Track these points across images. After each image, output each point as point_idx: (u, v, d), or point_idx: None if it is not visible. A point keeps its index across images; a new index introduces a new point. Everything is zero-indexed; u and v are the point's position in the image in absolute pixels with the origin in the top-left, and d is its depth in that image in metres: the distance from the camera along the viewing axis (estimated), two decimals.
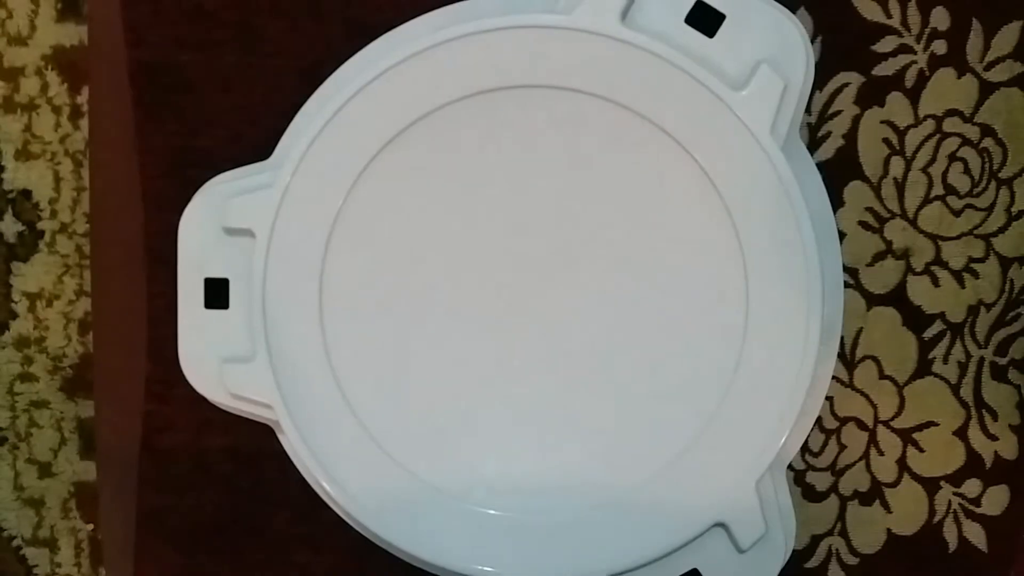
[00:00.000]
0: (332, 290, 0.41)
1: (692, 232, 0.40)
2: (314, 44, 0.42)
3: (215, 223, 0.41)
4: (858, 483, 0.45)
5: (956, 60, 0.43)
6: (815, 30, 0.43)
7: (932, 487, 0.45)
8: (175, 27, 0.42)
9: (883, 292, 0.44)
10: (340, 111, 0.39)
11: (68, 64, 0.53)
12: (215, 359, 0.41)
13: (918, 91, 0.43)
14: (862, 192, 0.43)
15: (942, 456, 0.44)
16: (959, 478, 0.44)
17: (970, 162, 0.43)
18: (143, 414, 0.43)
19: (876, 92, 0.43)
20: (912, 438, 0.44)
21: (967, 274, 0.44)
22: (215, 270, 0.41)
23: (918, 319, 0.44)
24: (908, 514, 0.45)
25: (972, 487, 0.44)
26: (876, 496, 0.45)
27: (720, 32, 0.40)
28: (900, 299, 0.44)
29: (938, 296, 0.44)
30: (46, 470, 0.56)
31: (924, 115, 0.43)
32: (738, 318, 0.40)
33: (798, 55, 0.40)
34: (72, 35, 0.53)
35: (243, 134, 0.42)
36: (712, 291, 0.41)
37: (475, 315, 0.41)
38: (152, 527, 0.44)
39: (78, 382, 0.56)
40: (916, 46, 0.43)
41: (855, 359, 0.44)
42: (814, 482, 0.45)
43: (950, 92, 0.43)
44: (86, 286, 0.55)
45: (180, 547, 0.44)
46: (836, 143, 0.43)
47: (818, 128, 0.43)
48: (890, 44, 0.43)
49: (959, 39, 0.43)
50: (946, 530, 0.45)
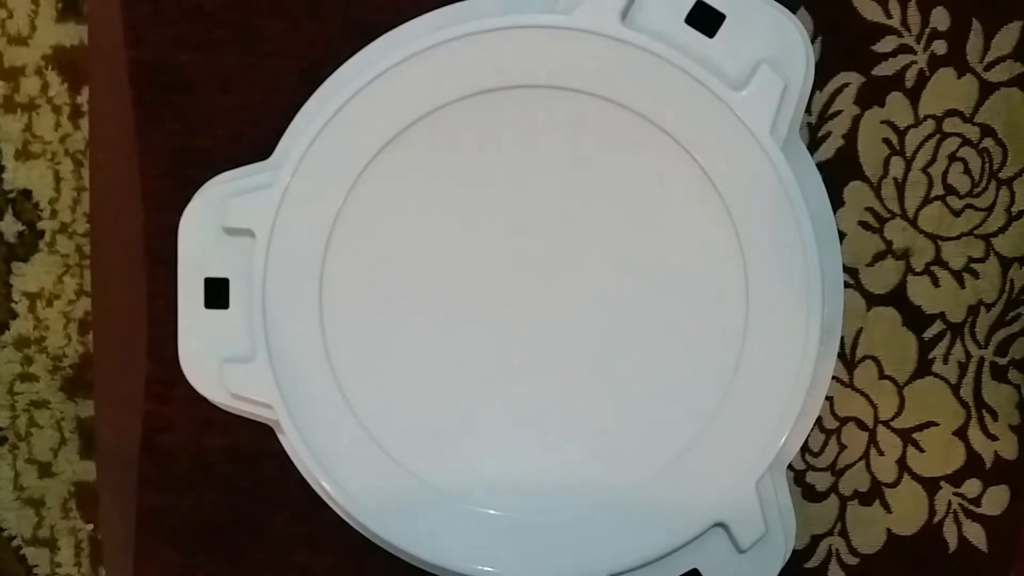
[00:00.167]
0: (332, 290, 0.41)
1: (692, 232, 0.40)
2: (314, 44, 0.42)
3: (215, 223, 0.41)
4: (858, 483, 0.45)
5: (956, 60, 0.43)
6: (815, 30, 0.43)
7: (932, 487, 0.45)
8: (175, 27, 0.42)
9: (883, 292, 0.44)
10: (340, 111, 0.39)
11: (68, 64, 0.53)
12: (215, 359, 0.41)
13: (918, 91, 0.43)
14: (862, 192, 0.43)
15: (942, 456, 0.44)
16: (959, 478, 0.44)
17: (970, 162, 0.43)
18: (143, 414, 0.43)
19: (876, 92, 0.43)
20: (912, 438, 0.44)
21: (967, 274, 0.44)
22: (215, 270, 0.41)
23: (918, 319, 0.44)
24: (908, 514, 0.45)
25: (972, 487, 0.44)
26: (876, 496, 0.45)
27: (720, 32, 0.40)
28: (900, 299, 0.44)
29: (938, 296, 0.44)
30: (46, 470, 0.56)
31: (924, 115, 0.43)
32: (738, 318, 0.40)
33: (798, 55, 0.40)
34: (72, 35, 0.53)
35: (243, 134, 0.42)
36: (712, 291, 0.41)
37: (475, 315, 0.41)
38: (152, 527, 0.44)
39: (78, 382, 0.55)
40: (916, 46, 0.43)
41: (855, 359, 0.44)
42: (814, 482, 0.45)
43: (950, 92, 0.43)
44: (86, 286, 0.54)
45: (180, 547, 0.44)
46: (836, 143, 0.43)
47: (818, 128, 0.43)
48: (890, 44, 0.43)
49: (959, 39, 0.43)
50: (946, 530, 0.45)
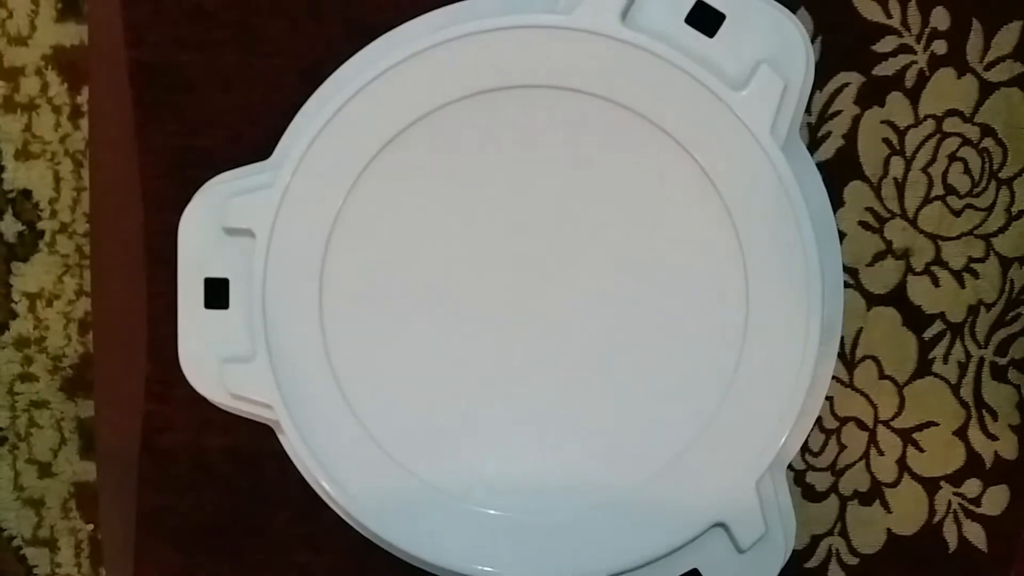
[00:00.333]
0: (332, 290, 0.41)
1: (692, 232, 0.40)
2: (314, 44, 0.42)
3: (215, 223, 0.41)
4: (858, 483, 0.45)
5: (956, 60, 0.43)
6: (815, 30, 0.43)
7: (932, 487, 0.45)
8: (175, 27, 0.42)
9: (883, 292, 0.44)
10: (340, 111, 0.39)
11: (68, 64, 0.53)
12: (215, 359, 0.41)
13: (918, 91, 0.43)
14: (862, 192, 0.43)
15: (942, 456, 0.44)
16: (959, 478, 0.44)
17: (970, 162, 0.43)
18: (143, 414, 0.43)
19: (876, 92, 0.43)
20: (912, 438, 0.44)
21: (967, 274, 0.44)
22: (215, 270, 0.41)
23: (918, 319, 0.44)
24: (908, 514, 0.45)
25: (972, 487, 0.44)
26: (876, 496, 0.45)
27: (720, 32, 0.40)
28: (900, 299, 0.44)
29: (938, 296, 0.44)
30: (46, 470, 0.56)
31: (924, 115, 0.43)
32: (738, 318, 0.40)
33: (798, 55, 0.40)
34: (72, 35, 0.53)
35: (243, 134, 0.42)
36: (712, 291, 0.41)
37: (475, 315, 0.41)
38: (152, 527, 0.44)
39: (78, 382, 0.55)
40: (916, 46, 0.43)
41: (855, 359, 0.44)
42: (814, 482, 0.45)
43: (950, 92, 0.43)
44: (86, 286, 0.55)
45: (180, 547, 0.44)
46: (836, 143, 0.43)
47: (818, 128, 0.43)
48: (890, 44, 0.43)
49: (959, 39, 0.43)
50: (946, 530, 0.45)
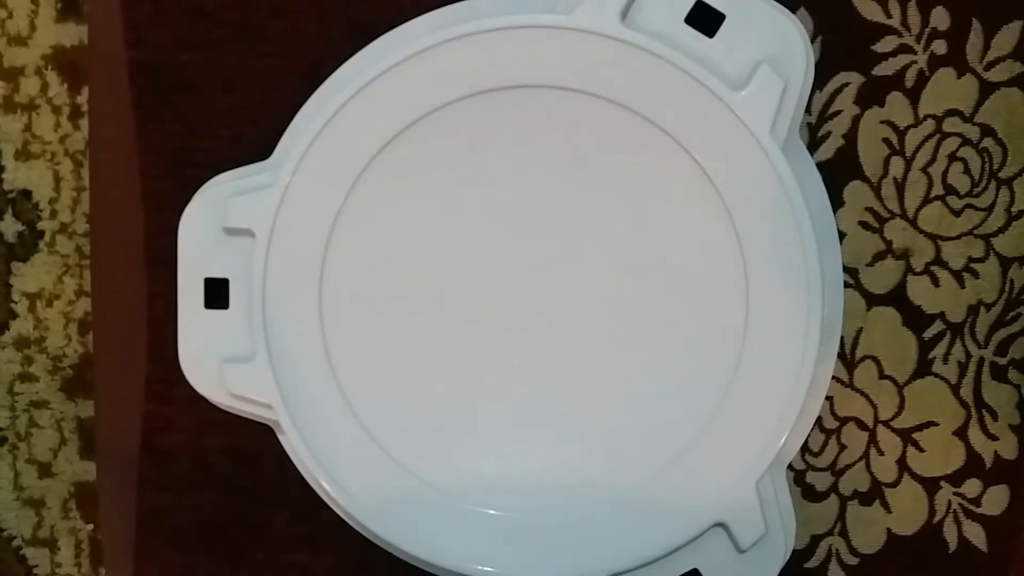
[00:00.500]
0: (332, 290, 0.41)
1: (692, 232, 0.40)
2: (314, 44, 0.42)
3: (215, 223, 0.41)
4: (858, 483, 0.45)
5: (956, 60, 0.43)
6: (815, 30, 0.43)
7: (932, 487, 0.45)
8: (175, 27, 0.42)
9: (883, 292, 0.44)
10: (340, 111, 0.39)
11: (68, 64, 0.53)
12: (215, 359, 0.41)
13: (918, 91, 0.43)
14: (862, 192, 0.43)
15: (942, 456, 0.44)
16: (959, 478, 0.44)
17: (970, 162, 0.43)
18: (143, 414, 0.43)
19: (876, 92, 0.43)
20: (912, 438, 0.44)
21: (967, 274, 0.44)
22: (215, 270, 0.41)
23: (918, 319, 0.44)
24: (908, 514, 0.45)
25: (972, 487, 0.44)
26: (876, 496, 0.45)
27: (720, 32, 0.40)
28: (900, 299, 0.44)
29: (938, 296, 0.44)
30: (46, 470, 0.56)
31: (924, 115, 0.43)
32: (738, 318, 0.40)
33: (798, 55, 0.40)
34: (72, 35, 0.53)
35: (243, 134, 0.42)
36: (712, 291, 0.40)
37: (475, 315, 0.41)
38: (152, 527, 0.44)
39: (78, 382, 0.55)
40: (916, 46, 0.43)
41: (855, 359, 0.44)
42: (814, 482, 0.45)
43: (950, 92, 0.43)
44: (86, 286, 0.55)
45: (180, 547, 0.44)
46: (836, 143, 0.43)
47: (818, 128, 0.43)
48: (890, 44, 0.43)
49: (959, 39, 0.43)
50: (946, 530, 0.45)
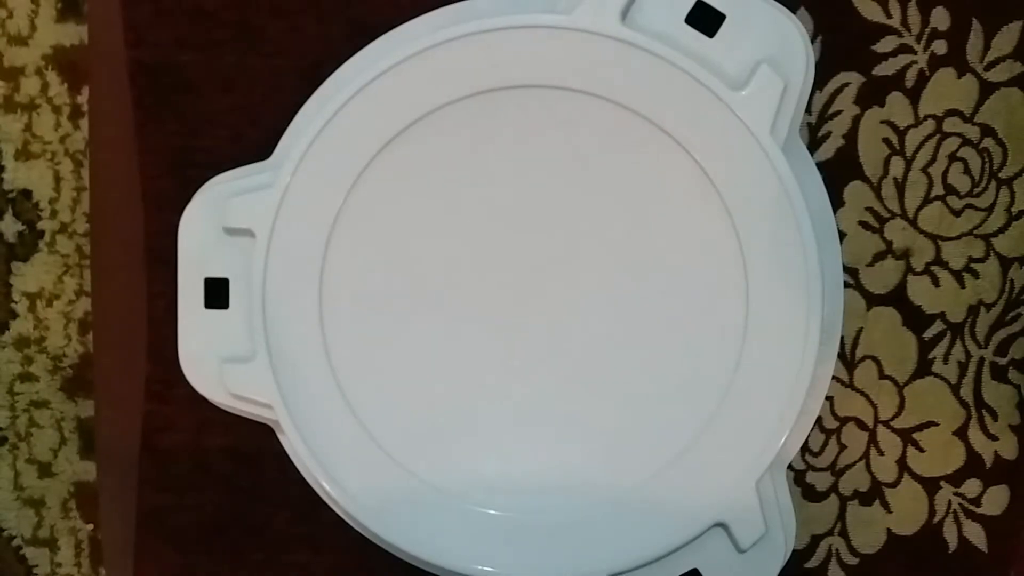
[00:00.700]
0: (332, 290, 0.41)
1: (692, 232, 0.40)
2: (314, 44, 0.42)
3: (215, 223, 0.40)
4: (858, 483, 0.45)
5: (956, 60, 0.43)
6: (815, 30, 0.43)
7: (932, 487, 0.45)
8: (175, 27, 0.42)
9: (883, 292, 0.44)
10: (340, 111, 0.39)
11: (68, 64, 0.53)
12: (215, 359, 0.41)
13: (918, 91, 0.43)
14: (862, 192, 0.43)
15: (942, 456, 0.44)
16: (959, 478, 0.44)
17: (970, 162, 0.43)
18: (143, 414, 0.43)
19: (876, 92, 0.43)
20: (912, 438, 0.44)
21: (967, 274, 0.44)
22: (215, 270, 0.41)
23: (918, 319, 0.44)
24: (908, 514, 0.45)
25: (972, 487, 0.44)
26: (876, 496, 0.45)
27: (720, 32, 0.40)
28: (900, 299, 0.44)
29: (938, 296, 0.44)
30: (46, 470, 0.56)
31: (924, 115, 0.43)
32: (738, 318, 0.40)
33: (798, 55, 0.40)
34: (72, 35, 0.53)
35: (243, 134, 0.42)
36: (712, 291, 0.40)
37: (475, 315, 0.41)
38: (152, 527, 0.44)
39: (78, 382, 0.55)
40: (916, 46, 0.43)
41: (855, 359, 0.44)
42: (814, 482, 0.45)
43: (950, 92, 0.43)
44: (86, 286, 0.55)
45: (180, 547, 0.44)
46: (836, 143, 0.43)
47: (818, 128, 0.43)
48: (890, 44, 0.43)
49: (959, 39, 0.43)
50: (946, 530, 0.45)
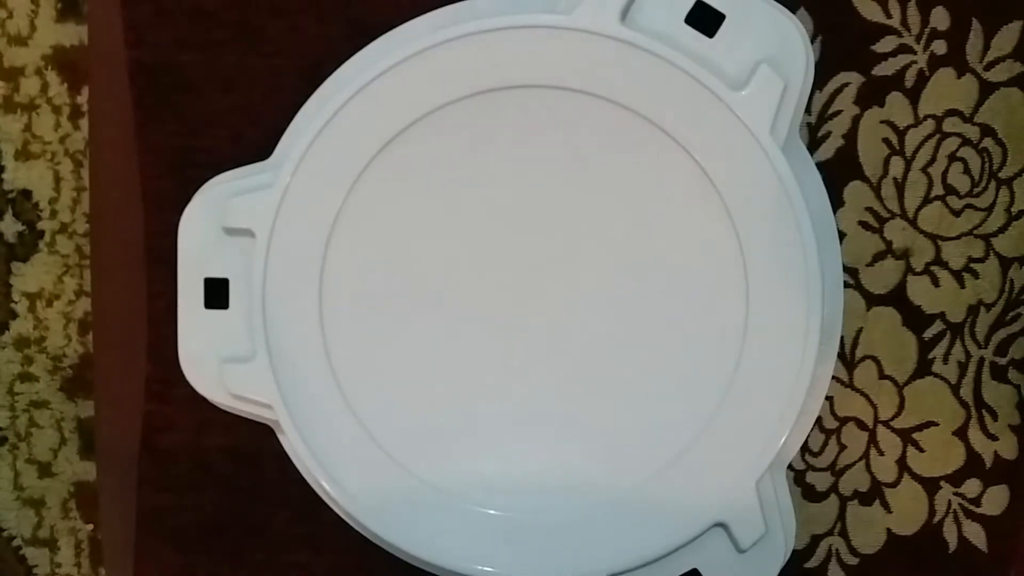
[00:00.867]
0: (332, 290, 0.41)
1: (692, 232, 0.40)
2: (314, 44, 0.42)
3: (215, 223, 0.41)
4: (858, 483, 0.45)
5: (956, 60, 0.43)
6: (815, 30, 0.43)
7: (932, 487, 0.45)
8: (175, 27, 0.42)
9: (883, 292, 0.44)
10: (340, 111, 0.39)
11: (68, 64, 0.53)
12: (215, 359, 0.41)
13: (918, 91, 0.43)
14: (862, 192, 0.43)
15: (942, 456, 0.44)
16: (959, 478, 0.44)
17: (970, 162, 0.43)
18: (143, 414, 0.43)
19: (876, 92, 0.43)
20: (912, 438, 0.44)
21: (967, 274, 0.44)
22: (215, 270, 0.41)
23: (918, 319, 0.44)
24: (908, 514, 0.45)
25: (972, 487, 0.44)
26: (876, 496, 0.45)
27: (720, 32, 0.40)
28: (900, 299, 0.44)
29: (938, 296, 0.44)
30: (46, 470, 0.56)
31: (924, 115, 0.43)
32: (738, 318, 0.40)
33: (798, 55, 0.40)
34: (72, 35, 0.53)
35: (243, 134, 0.42)
36: (712, 291, 0.40)
37: (475, 315, 0.41)
38: (152, 527, 0.44)
39: (78, 382, 0.55)
40: (916, 46, 0.43)
41: (855, 359, 0.44)
42: (814, 482, 0.45)
43: (950, 92, 0.43)
44: (86, 286, 0.55)
45: (180, 547, 0.44)
46: (836, 143, 0.43)
47: (818, 128, 0.43)
48: (890, 44, 0.43)
49: (959, 39, 0.43)
50: (946, 530, 0.45)
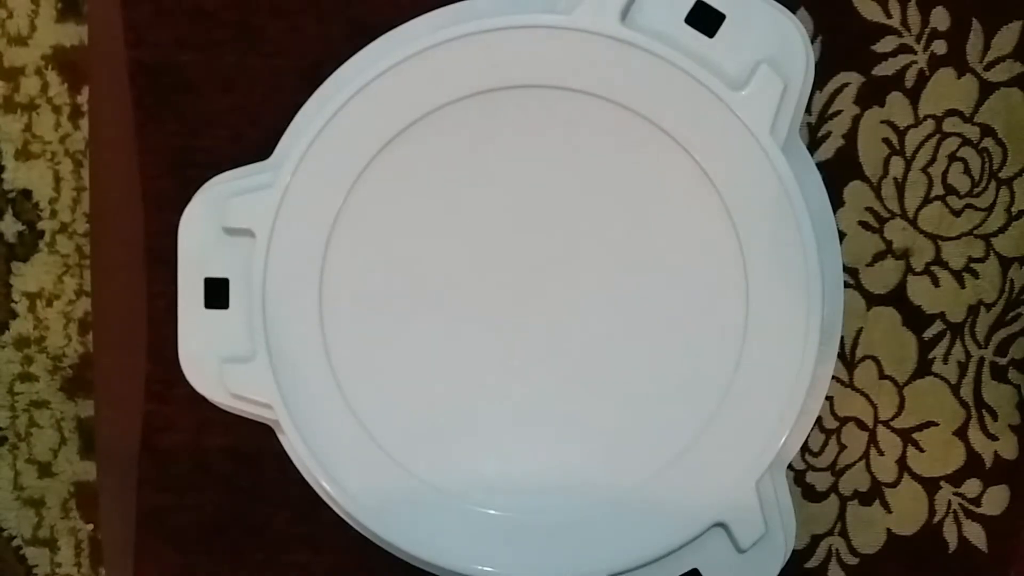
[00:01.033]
0: (332, 290, 0.41)
1: (692, 232, 0.40)
2: (314, 44, 0.42)
3: (215, 223, 0.41)
4: (858, 483, 0.45)
5: (956, 60, 0.43)
6: (815, 30, 0.43)
7: (932, 487, 0.45)
8: (175, 27, 0.42)
9: (883, 292, 0.44)
10: (340, 111, 0.39)
11: (68, 64, 0.53)
12: (215, 359, 0.41)
13: (918, 91, 0.43)
14: (862, 192, 0.43)
15: (942, 456, 0.44)
16: (959, 478, 0.44)
17: (970, 162, 0.43)
18: (143, 414, 0.43)
19: (876, 92, 0.43)
20: (912, 438, 0.44)
21: (967, 274, 0.44)
22: (215, 270, 0.41)
23: (918, 319, 0.44)
24: (908, 514, 0.45)
25: (972, 487, 0.44)
26: (876, 496, 0.45)
27: (720, 32, 0.40)
28: (900, 299, 0.44)
29: (938, 296, 0.44)
30: (46, 470, 0.56)
31: (924, 115, 0.43)
32: (738, 318, 0.40)
33: (798, 55, 0.40)
34: (72, 35, 0.53)
35: (243, 134, 0.42)
36: (712, 291, 0.40)
37: (475, 315, 0.41)
38: (152, 527, 0.44)
39: (78, 382, 0.56)
40: (916, 46, 0.43)
41: (855, 359, 0.44)
42: (814, 482, 0.45)
43: (950, 92, 0.43)
44: (86, 286, 0.55)
45: (180, 547, 0.44)
46: (836, 143, 0.43)
47: (818, 128, 0.43)
48: (890, 44, 0.43)
49: (959, 39, 0.43)
50: (946, 530, 0.45)
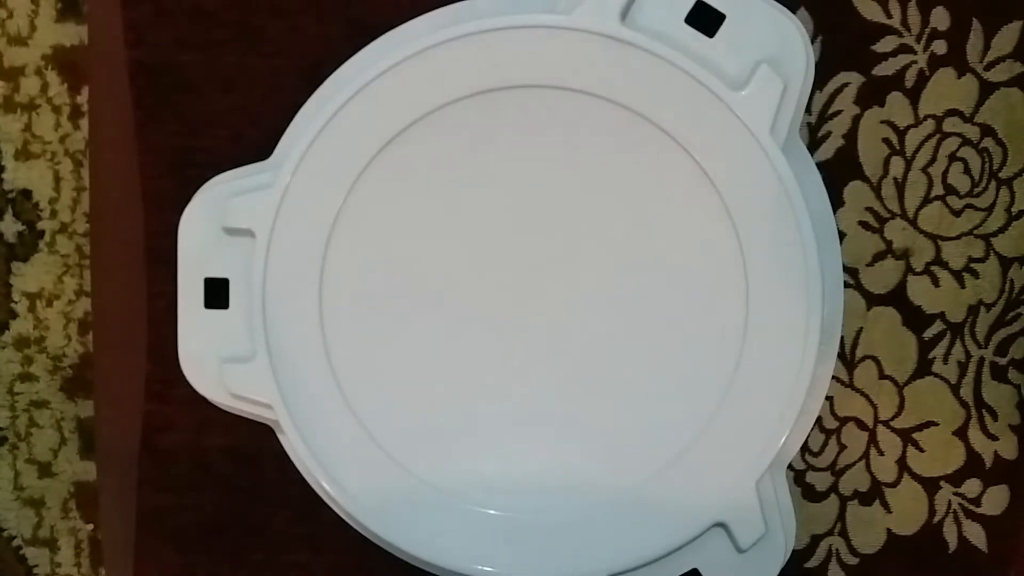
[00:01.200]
0: (332, 290, 0.41)
1: (692, 232, 0.40)
2: (314, 44, 0.42)
3: (215, 223, 0.41)
4: (858, 483, 0.45)
5: (956, 60, 0.43)
6: (815, 30, 0.43)
7: (932, 487, 0.45)
8: (175, 27, 0.42)
9: (883, 292, 0.44)
10: (340, 111, 0.39)
11: (68, 64, 0.53)
12: (215, 359, 0.41)
13: (918, 91, 0.43)
14: (862, 192, 0.43)
15: (942, 456, 0.44)
16: (959, 478, 0.44)
17: (970, 162, 0.43)
18: (143, 414, 0.43)
19: (876, 92, 0.43)
20: (912, 438, 0.44)
21: (967, 274, 0.44)
22: (215, 270, 0.41)
23: (918, 319, 0.44)
24: (908, 514, 0.45)
25: (972, 487, 0.44)
26: (876, 496, 0.45)
27: (720, 32, 0.40)
28: (900, 299, 0.44)
29: (938, 296, 0.44)
30: (46, 470, 0.56)
31: (924, 115, 0.43)
32: (738, 318, 0.40)
33: (798, 55, 0.40)
34: (72, 35, 0.53)
35: (243, 134, 0.42)
36: (712, 291, 0.41)
37: (475, 315, 0.41)
38: (152, 527, 0.44)
39: (78, 382, 0.56)
40: (916, 46, 0.43)
41: (855, 359, 0.44)
42: (814, 482, 0.45)
43: (950, 92, 0.43)
44: (86, 286, 0.55)
45: (180, 547, 0.44)
46: (836, 143, 0.43)
47: (818, 128, 0.43)
48: (890, 44, 0.43)
49: (959, 39, 0.43)
50: (946, 530, 0.45)
